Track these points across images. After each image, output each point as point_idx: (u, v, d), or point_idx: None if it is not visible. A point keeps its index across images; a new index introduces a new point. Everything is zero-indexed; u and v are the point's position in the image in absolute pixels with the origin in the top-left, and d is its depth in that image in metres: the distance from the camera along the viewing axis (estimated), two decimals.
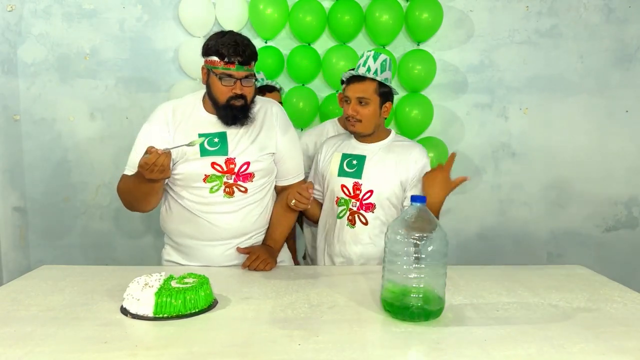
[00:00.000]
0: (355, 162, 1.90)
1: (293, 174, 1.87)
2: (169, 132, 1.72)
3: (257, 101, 1.80)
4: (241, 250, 1.77)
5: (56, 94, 2.85)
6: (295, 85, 2.83)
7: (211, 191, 1.71)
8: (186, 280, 1.36)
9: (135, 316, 1.27)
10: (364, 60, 1.85)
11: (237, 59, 1.62)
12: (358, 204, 1.88)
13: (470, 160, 3.01)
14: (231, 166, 1.71)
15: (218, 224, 1.73)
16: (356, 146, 1.94)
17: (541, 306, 1.41)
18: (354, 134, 1.94)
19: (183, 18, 2.76)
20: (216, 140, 1.72)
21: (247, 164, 1.73)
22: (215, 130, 1.73)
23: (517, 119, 2.99)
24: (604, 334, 1.22)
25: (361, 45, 2.85)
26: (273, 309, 1.35)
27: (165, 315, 1.26)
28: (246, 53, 1.63)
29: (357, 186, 1.88)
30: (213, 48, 1.64)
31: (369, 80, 1.84)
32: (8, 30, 2.80)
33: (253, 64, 1.69)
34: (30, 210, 2.93)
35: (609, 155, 3.03)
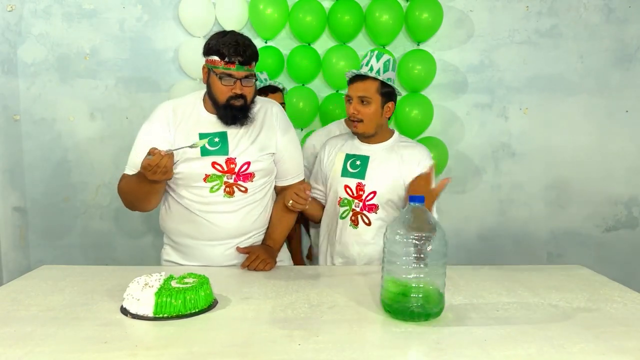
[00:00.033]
0: (358, 163, 1.90)
1: (293, 174, 1.87)
2: (169, 131, 1.72)
3: (257, 101, 1.80)
4: (241, 250, 1.77)
5: (56, 94, 2.85)
6: (295, 85, 2.83)
7: (211, 191, 1.71)
8: (186, 280, 1.36)
9: (135, 316, 1.27)
10: (367, 59, 1.85)
11: (238, 58, 1.62)
12: (361, 204, 1.87)
13: (470, 160, 3.01)
14: (232, 166, 1.71)
15: (218, 224, 1.73)
16: (360, 147, 1.93)
17: (541, 306, 1.40)
18: (357, 135, 1.94)
19: (183, 18, 2.76)
20: (217, 140, 1.72)
21: (248, 163, 1.73)
22: (215, 130, 1.73)
23: (517, 119, 2.99)
24: (604, 334, 1.22)
25: (361, 45, 2.84)
26: (273, 309, 1.35)
27: (165, 315, 1.26)
28: (247, 53, 1.63)
29: (360, 187, 1.87)
30: (214, 47, 1.64)
31: (370, 80, 1.83)
32: (8, 30, 2.79)
33: (254, 64, 1.69)
34: (30, 210, 2.93)
35: (609, 155, 3.03)
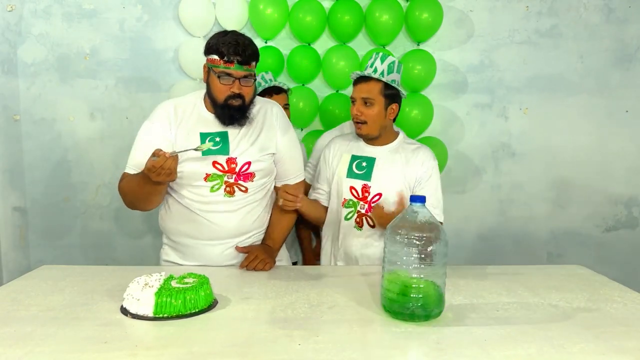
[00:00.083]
0: (364, 164, 1.89)
1: (293, 174, 1.87)
2: (170, 130, 1.72)
3: (256, 102, 1.80)
4: (240, 249, 1.77)
5: (56, 94, 2.85)
6: (295, 85, 2.83)
7: (212, 190, 1.71)
8: (186, 280, 1.36)
9: (135, 316, 1.27)
10: (372, 61, 1.85)
11: (237, 58, 1.62)
12: (366, 206, 1.87)
13: (470, 160, 3.01)
14: (232, 165, 1.71)
15: (218, 223, 1.73)
16: (365, 148, 1.93)
17: (541, 306, 1.41)
18: (361, 137, 1.93)
19: (183, 18, 2.76)
20: (217, 139, 1.72)
21: (248, 163, 1.73)
22: (216, 130, 1.73)
23: (517, 119, 2.99)
24: (604, 334, 1.22)
25: (361, 45, 2.84)
26: (273, 309, 1.35)
27: (165, 315, 1.26)
28: (246, 53, 1.63)
29: (366, 188, 1.87)
30: (214, 46, 1.64)
31: (374, 81, 1.83)
32: (8, 30, 2.79)
33: (254, 64, 1.69)
34: (30, 210, 2.93)
35: (609, 155, 3.03)
